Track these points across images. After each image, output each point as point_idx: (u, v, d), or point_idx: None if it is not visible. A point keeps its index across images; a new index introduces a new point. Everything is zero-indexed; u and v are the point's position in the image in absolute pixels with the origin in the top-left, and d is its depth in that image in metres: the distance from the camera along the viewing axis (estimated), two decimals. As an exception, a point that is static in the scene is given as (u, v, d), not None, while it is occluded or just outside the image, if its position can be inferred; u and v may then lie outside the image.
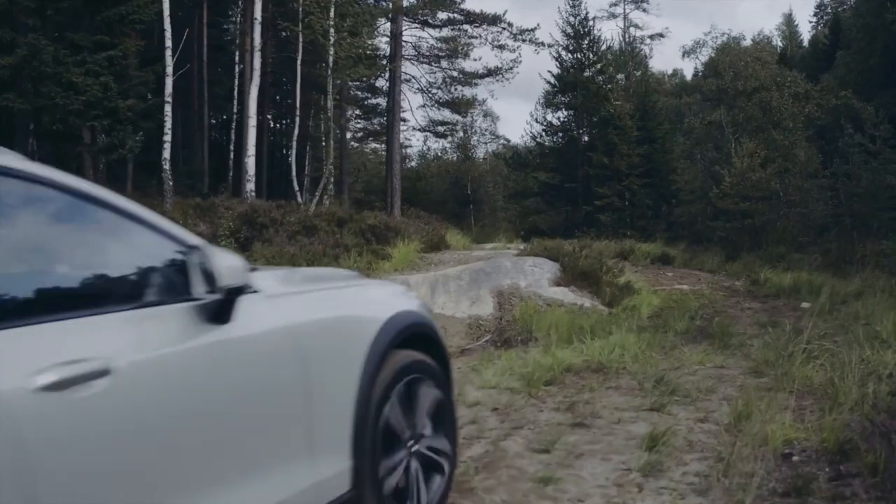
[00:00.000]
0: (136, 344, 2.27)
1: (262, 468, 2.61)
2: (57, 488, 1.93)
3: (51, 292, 2.24)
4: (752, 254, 20.25)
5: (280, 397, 2.74)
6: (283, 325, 2.80)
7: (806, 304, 14.17)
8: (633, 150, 26.96)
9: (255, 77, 18.21)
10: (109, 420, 2.10)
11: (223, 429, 2.48)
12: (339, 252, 15.95)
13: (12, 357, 1.92)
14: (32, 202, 2.23)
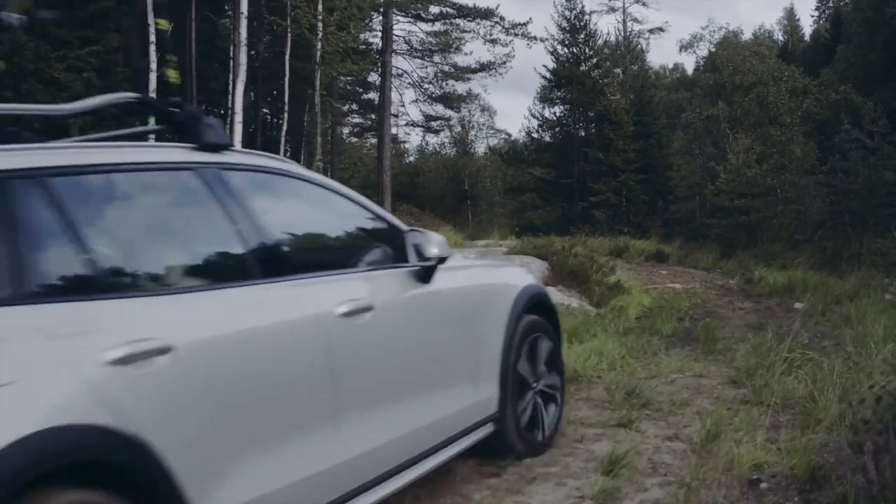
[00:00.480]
0: (385, 291, 3.50)
1: (451, 383, 3.88)
2: (355, 378, 3.17)
3: (337, 255, 3.70)
4: (747, 251, 19.93)
5: (458, 336, 4.03)
6: (460, 286, 4.07)
7: (799, 304, 13.84)
8: (629, 146, 26.61)
9: (241, 73, 17.86)
10: (374, 338, 3.31)
11: (429, 351, 3.77)
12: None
13: (323, 296, 3.10)
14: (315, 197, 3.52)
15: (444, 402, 3.78)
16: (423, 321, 3.76)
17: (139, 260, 2.67)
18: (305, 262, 3.36)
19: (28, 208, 2.30)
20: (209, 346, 2.57)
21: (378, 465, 3.22)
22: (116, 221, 2.70)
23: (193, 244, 2.95)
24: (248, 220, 2.99)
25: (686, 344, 9.63)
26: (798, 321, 11.99)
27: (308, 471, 2.83)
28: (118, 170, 2.71)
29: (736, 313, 13.62)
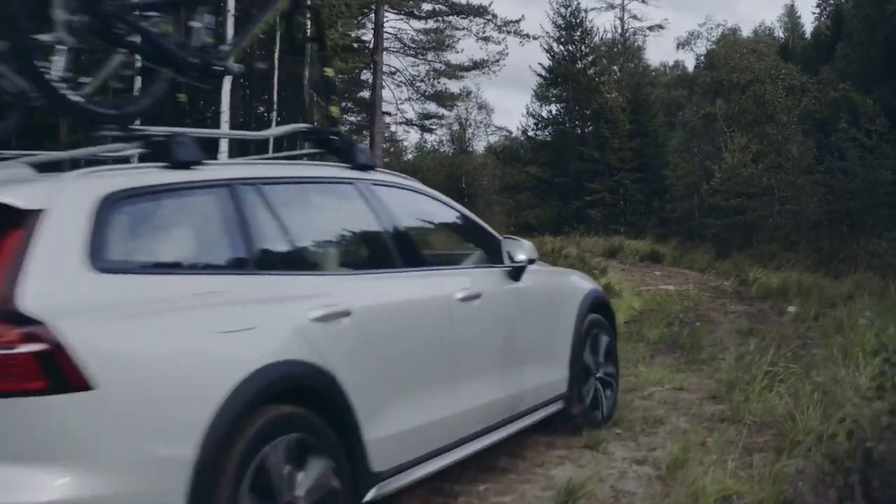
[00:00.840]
0: (487, 284, 4.31)
1: (534, 363, 4.66)
2: (467, 347, 4.05)
3: (452, 254, 4.76)
4: (743, 252, 19.63)
5: (539, 325, 4.80)
6: (541, 286, 4.93)
7: (792, 308, 13.54)
8: (625, 144, 26.30)
9: (229, 71, 17.62)
10: (481, 319, 4.17)
11: (518, 334, 4.54)
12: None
13: (446, 283, 4.02)
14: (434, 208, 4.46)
15: (528, 377, 4.63)
16: (514, 311, 4.61)
17: (324, 248, 3.80)
18: (432, 258, 4.45)
19: (251, 206, 3.25)
20: (373, 312, 3.50)
21: (481, 421, 4.14)
22: (306, 218, 3.74)
23: (357, 238, 4.07)
24: (391, 223, 3.95)
25: (672, 351, 9.35)
26: (789, 326, 11.75)
27: (434, 416, 3.74)
28: (305, 181, 3.80)
29: (727, 317, 13.31)
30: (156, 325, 2.66)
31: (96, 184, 2.81)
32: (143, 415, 2.51)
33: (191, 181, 3.14)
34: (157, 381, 2.58)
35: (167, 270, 2.94)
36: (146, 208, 2.98)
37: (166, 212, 3.08)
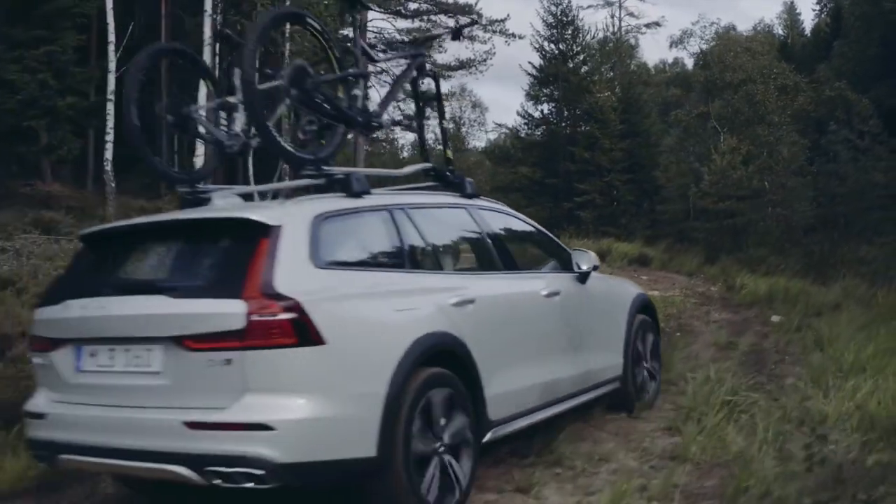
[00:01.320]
0: (563, 285, 5.55)
1: (594, 349, 5.75)
2: (550, 333, 5.33)
3: (535, 262, 5.88)
4: (732, 255, 19.24)
5: (601, 319, 5.96)
6: (602, 288, 6.16)
7: (776, 317, 13.15)
8: (616, 145, 25.82)
9: (206, 73, 17.21)
10: (559, 312, 5.43)
11: (582, 327, 5.63)
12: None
13: (534, 283, 5.40)
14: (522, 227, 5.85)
15: (594, 360, 5.81)
16: (582, 307, 5.78)
17: (452, 254, 5.06)
18: (521, 264, 5.61)
19: (403, 223, 4.53)
20: (489, 301, 4.72)
21: (564, 389, 5.41)
22: (439, 233, 4.90)
23: (472, 248, 5.38)
24: (493, 237, 5.30)
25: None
26: (770, 338, 11.36)
27: (529, 382, 4.95)
28: (435, 206, 5.14)
29: (709, 327, 12.90)
30: (356, 303, 3.93)
31: (309, 207, 4.09)
32: (353, 363, 3.73)
33: (364, 206, 4.46)
34: (359, 341, 3.79)
35: (356, 267, 4.21)
36: (339, 224, 4.18)
37: (351, 227, 4.32)
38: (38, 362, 4.19)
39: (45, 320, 4.17)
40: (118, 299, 3.86)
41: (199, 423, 3.49)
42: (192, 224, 4.15)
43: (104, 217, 16.13)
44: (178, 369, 3.61)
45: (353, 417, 3.69)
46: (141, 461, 3.61)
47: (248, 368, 3.49)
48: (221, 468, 3.45)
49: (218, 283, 3.69)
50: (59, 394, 4.02)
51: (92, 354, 3.90)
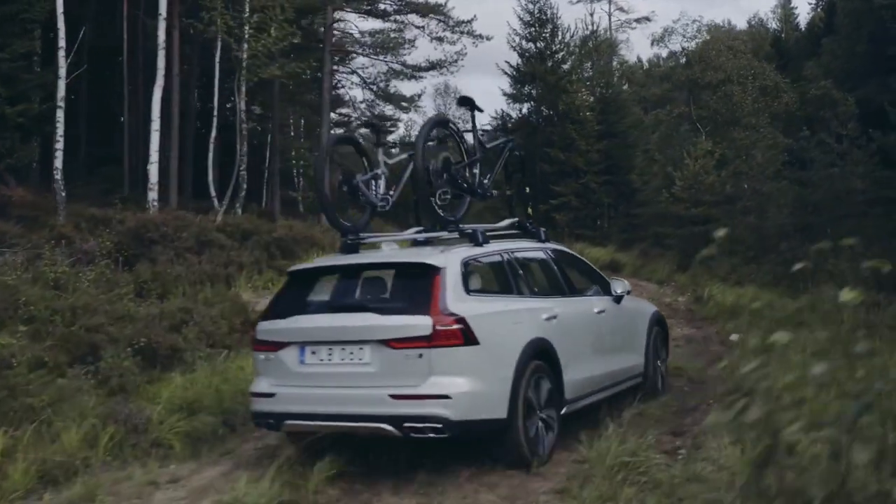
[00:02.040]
0: (606, 305, 7.77)
1: (626, 352, 7.97)
2: (602, 340, 7.55)
3: (587, 288, 7.94)
4: (704, 263, 18.72)
5: (630, 329, 8.19)
6: (631, 307, 8.41)
7: (735, 336, 12.69)
8: (593, 146, 25.22)
9: (159, 78, 16.63)
10: (604, 324, 7.62)
11: (619, 335, 7.92)
12: (232, 271, 14.50)
13: (589, 304, 7.62)
14: (578, 264, 8.30)
15: (626, 359, 7.95)
16: (619, 321, 7.93)
17: (543, 286, 7.19)
18: (579, 289, 7.66)
19: (512, 263, 6.74)
20: (565, 317, 6.69)
21: (608, 380, 7.40)
22: (533, 269, 7.19)
23: (554, 281, 7.36)
24: (561, 271, 7.44)
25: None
26: (721, 362, 10.91)
27: (587, 374, 6.91)
28: (525, 251, 7.21)
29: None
30: (493, 317, 5.94)
31: (457, 254, 6.09)
32: (494, 357, 5.71)
33: (487, 252, 6.54)
34: (497, 342, 5.79)
35: (487, 294, 6.38)
36: (475, 265, 6.31)
37: (481, 267, 6.49)
38: (263, 358, 6.23)
39: (271, 329, 6.22)
40: (335, 315, 6.13)
41: (401, 395, 5.52)
42: (387, 265, 6.47)
43: (54, 226, 15.70)
44: (384, 361, 5.64)
45: (494, 392, 5.74)
46: (356, 422, 5.70)
47: (433, 360, 5.53)
48: (415, 424, 5.48)
49: (411, 304, 5.76)
50: (284, 380, 6.04)
51: (313, 352, 5.97)
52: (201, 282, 13.80)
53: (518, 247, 7.11)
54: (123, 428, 7.01)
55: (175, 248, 14.60)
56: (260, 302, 13.96)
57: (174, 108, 20.02)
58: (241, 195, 17.65)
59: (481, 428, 5.71)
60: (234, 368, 10.76)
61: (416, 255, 6.37)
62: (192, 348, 10.71)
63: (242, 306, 12.42)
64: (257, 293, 14.32)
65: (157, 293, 13.20)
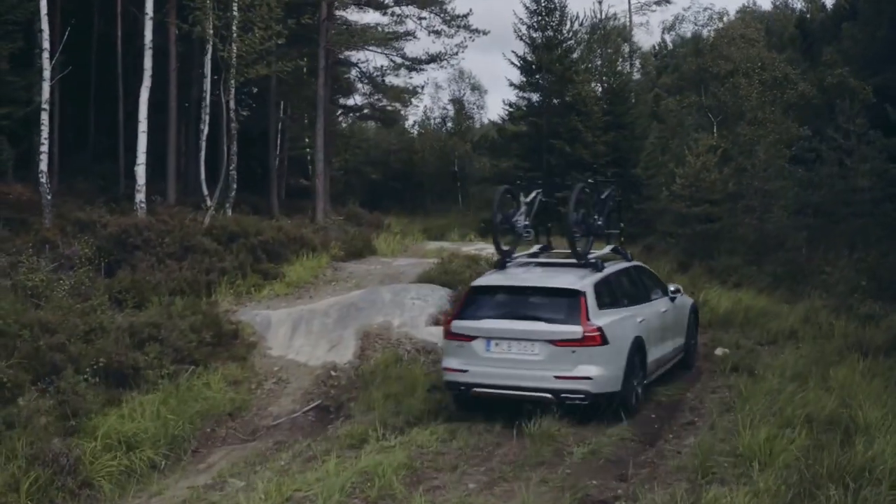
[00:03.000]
0: (666, 306, 10.82)
1: (677, 336, 11.08)
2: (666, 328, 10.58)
3: (655, 293, 10.89)
4: (705, 263, 18.22)
5: (678, 320, 11.18)
6: (680, 302, 11.39)
7: (721, 350, 12.26)
8: (599, 138, 24.61)
9: (146, 78, 16.40)
10: (667, 319, 10.63)
11: (673, 325, 10.93)
12: (214, 278, 14.30)
13: (660, 304, 10.66)
14: (648, 274, 11.40)
15: (677, 341, 10.93)
16: (674, 314, 10.87)
17: (633, 295, 10.14)
18: (652, 295, 10.63)
19: (619, 281, 10.09)
20: (648, 318, 9.85)
21: (667, 358, 10.55)
22: (628, 283, 10.34)
23: (639, 291, 10.43)
24: (642, 282, 10.73)
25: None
26: (697, 385, 10.52)
27: (658, 355, 9.99)
28: (621, 270, 10.36)
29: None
30: (614, 324, 8.84)
31: (590, 279, 9.19)
32: (616, 352, 8.68)
33: (605, 275, 9.56)
34: (617, 342, 8.72)
35: (609, 307, 9.10)
36: (600, 286, 9.20)
37: (603, 287, 9.29)
38: (457, 346, 8.95)
39: (464, 326, 8.98)
40: (514, 321, 8.82)
41: (561, 376, 8.40)
42: (547, 289, 9.19)
43: (39, 229, 15.62)
44: (549, 353, 8.52)
45: (614, 375, 8.62)
46: (528, 392, 8.47)
47: (581, 354, 8.45)
48: (568, 395, 8.40)
49: (567, 317, 8.67)
50: (473, 361, 8.76)
51: (496, 344, 8.73)
52: (180, 290, 13.65)
53: (619, 268, 10.32)
54: (50, 469, 6.82)
55: (157, 254, 14.45)
56: (238, 310, 13.82)
57: (171, 104, 19.91)
58: (231, 195, 17.43)
59: (605, 398, 8.55)
60: (199, 386, 10.71)
61: (566, 281, 9.19)
62: (157, 365, 10.63)
63: (215, 318, 12.23)
64: (238, 300, 14.14)
65: (133, 302, 13.12)
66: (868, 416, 7.72)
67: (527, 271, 9.80)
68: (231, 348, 12.10)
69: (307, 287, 15.48)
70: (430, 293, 13.75)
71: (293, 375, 11.50)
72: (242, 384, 11.16)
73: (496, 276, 9.78)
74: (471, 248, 22.38)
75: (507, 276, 9.64)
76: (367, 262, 18.37)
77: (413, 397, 9.67)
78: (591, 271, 9.43)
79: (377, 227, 22.29)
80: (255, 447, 8.78)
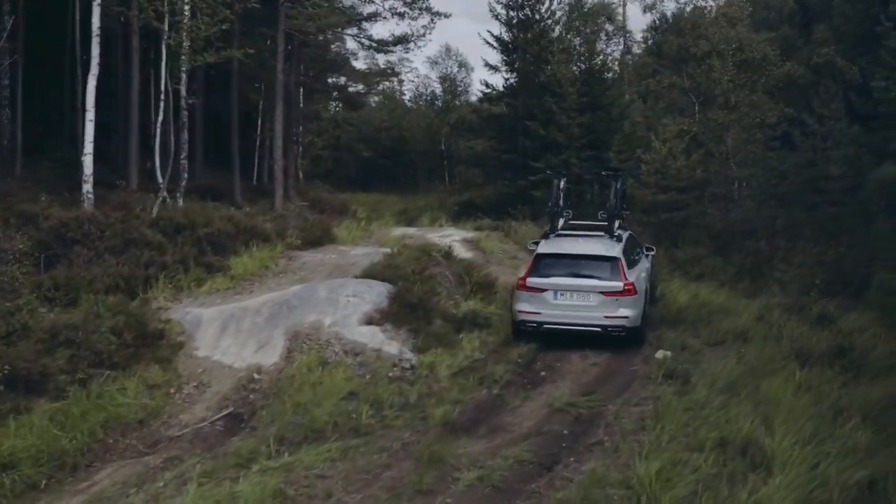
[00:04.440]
0: (648, 262, 14.35)
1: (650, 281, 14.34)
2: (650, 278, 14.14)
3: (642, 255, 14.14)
4: (670, 253, 17.74)
5: (650, 270, 14.44)
6: (650, 256, 15.05)
7: (661, 353, 11.77)
8: (574, 120, 23.97)
9: (94, 66, 15.89)
10: (650, 269, 14.45)
11: (649, 274, 14.13)
12: (154, 272, 13.91)
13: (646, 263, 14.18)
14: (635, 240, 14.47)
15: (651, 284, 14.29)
16: (649, 265, 14.29)
17: (636, 257, 13.39)
18: (642, 255, 14.03)
19: (631, 245, 13.62)
20: (645, 271, 13.70)
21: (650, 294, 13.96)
22: (636, 246, 13.96)
23: (637, 253, 13.67)
24: (638, 247, 14.16)
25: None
26: (619, 402, 10.06)
27: (650, 295, 14.05)
28: (629, 238, 13.59)
29: (585, 362, 11.64)
30: (639, 278, 12.57)
31: (620, 247, 12.69)
32: (639, 298, 12.15)
33: (624, 244, 12.93)
34: (640, 291, 12.25)
35: (633, 265, 12.78)
36: (625, 250, 12.72)
37: (627, 252, 12.78)
38: (529, 295, 12.09)
39: (536, 281, 12.12)
40: (575, 279, 12.09)
41: (608, 315, 11.76)
42: (594, 256, 12.41)
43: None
44: (600, 301, 11.79)
45: (639, 314, 12.01)
46: (585, 327, 11.89)
47: (621, 301, 11.77)
48: (612, 329, 11.83)
49: (611, 275, 11.98)
50: (543, 307, 11.97)
51: (561, 294, 11.99)
52: (116, 286, 13.28)
53: (626, 237, 13.25)
54: None
55: (96, 249, 14.06)
56: (172, 307, 13.40)
57: (134, 88, 19.44)
58: (183, 185, 17.02)
59: (631, 331, 11.98)
60: (112, 392, 10.35)
61: (605, 249, 12.55)
62: (70, 370, 10.29)
63: (141, 318, 11.85)
64: (177, 295, 13.71)
65: (65, 300, 12.77)
66: (777, 445, 7.35)
67: (570, 241, 13.22)
68: (156, 349, 11.66)
69: (252, 280, 15.06)
70: (368, 290, 13.32)
71: (215, 378, 11.12)
72: (161, 388, 10.75)
73: (551, 244, 13.11)
74: (435, 235, 22.08)
75: (559, 244, 13.06)
76: (323, 252, 17.95)
77: (322, 408, 9.30)
78: (615, 241, 12.86)
79: (341, 214, 21.86)
80: (146, 463, 8.44)
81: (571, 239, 13.34)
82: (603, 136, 24.21)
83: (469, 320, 13.10)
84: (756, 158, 17.15)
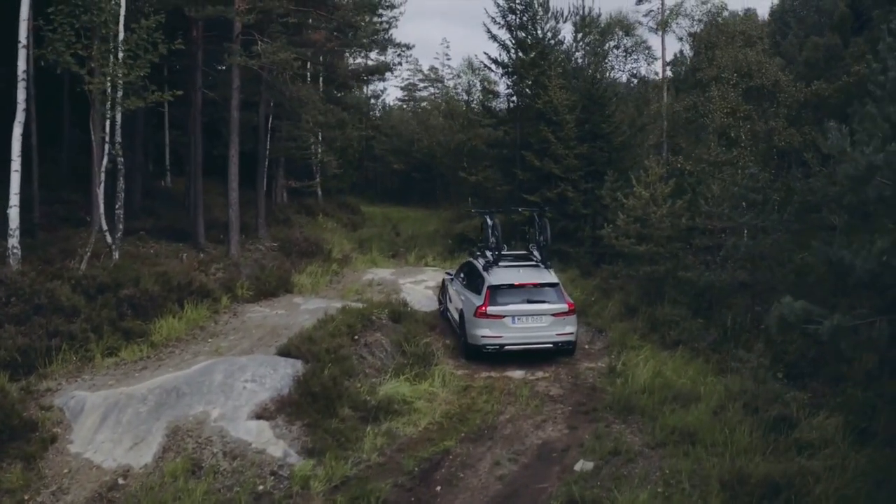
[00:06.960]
0: None
1: None
2: None
3: None
4: (649, 311, 15.98)
5: None
6: None
7: (581, 464, 10.21)
8: (571, 151, 22.19)
9: (19, 112, 14.98)
10: None
11: None
12: (57, 343, 12.87)
13: None
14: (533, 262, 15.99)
15: None
16: None
17: None
18: None
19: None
20: None
21: None
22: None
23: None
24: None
25: None
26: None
27: None
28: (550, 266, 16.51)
29: (491, 475, 10.09)
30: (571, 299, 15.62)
31: (553, 273, 15.32)
32: (576, 316, 14.55)
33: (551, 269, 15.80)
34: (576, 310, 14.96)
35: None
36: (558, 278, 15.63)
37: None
38: (490, 322, 13.94)
39: (496, 309, 13.93)
40: (529, 305, 14.11)
41: (559, 333, 14.03)
42: (542, 283, 14.53)
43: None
44: (552, 322, 14.00)
45: (577, 330, 14.37)
46: (540, 345, 14.08)
47: (567, 320, 14.08)
48: (562, 343, 14.17)
49: (557, 299, 14.24)
50: (503, 331, 13.94)
51: (519, 319, 14.00)
52: (11, 361, 12.33)
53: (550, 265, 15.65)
54: None
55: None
56: (63, 390, 12.17)
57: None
58: (118, 236, 16.03)
59: (573, 344, 14.30)
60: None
61: (547, 277, 14.70)
62: None
63: (6, 409, 10.72)
64: (79, 372, 12.62)
65: (-53, 379, 11.86)
66: None
67: (514, 271, 14.80)
68: (26, 443, 10.64)
69: (174, 347, 13.93)
70: (272, 373, 12.05)
71: (76, 483, 9.98)
72: (16, 494, 9.73)
73: (498, 275, 14.61)
74: (407, 281, 20.70)
75: (506, 275, 14.61)
76: (272, 305, 16.80)
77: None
78: (548, 269, 15.16)
79: (312, 255, 20.65)
80: None
81: (513, 269, 14.99)
82: (602, 168, 22.35)
83: (384, 408, 11.76)
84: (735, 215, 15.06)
